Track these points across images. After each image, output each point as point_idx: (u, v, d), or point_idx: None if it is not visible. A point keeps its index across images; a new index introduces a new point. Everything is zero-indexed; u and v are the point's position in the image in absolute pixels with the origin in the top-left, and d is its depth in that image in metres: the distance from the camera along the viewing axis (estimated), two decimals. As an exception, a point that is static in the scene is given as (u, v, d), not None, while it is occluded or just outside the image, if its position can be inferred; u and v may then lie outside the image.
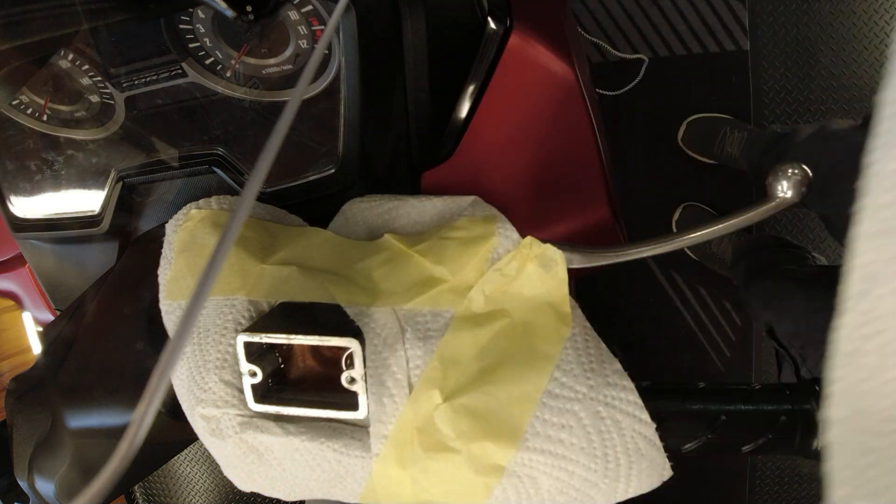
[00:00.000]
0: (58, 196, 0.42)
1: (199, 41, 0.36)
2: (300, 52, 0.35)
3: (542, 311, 0.30)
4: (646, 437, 0.27)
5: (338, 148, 0.36)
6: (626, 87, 1.23)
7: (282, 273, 0.33)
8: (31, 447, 0.35)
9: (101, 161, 0.40)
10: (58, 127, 0.41)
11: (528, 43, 0.39)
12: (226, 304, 0.32)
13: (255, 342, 0.29)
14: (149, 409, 0.15)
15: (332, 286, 0.32)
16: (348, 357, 0.29)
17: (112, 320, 0.36)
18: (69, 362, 0.35)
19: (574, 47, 0.41)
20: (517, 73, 0.39)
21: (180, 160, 0.38)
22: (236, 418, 0.31)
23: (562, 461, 0.27)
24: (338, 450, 0.29)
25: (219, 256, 0.16)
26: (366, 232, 0.36)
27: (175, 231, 0.35)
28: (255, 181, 0.18)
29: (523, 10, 0.39)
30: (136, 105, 0.38)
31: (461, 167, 0.41)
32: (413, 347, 0.29)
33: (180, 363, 0.32)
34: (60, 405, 0.34)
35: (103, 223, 0.40)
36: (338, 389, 0.29)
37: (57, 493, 0.34)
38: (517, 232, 0.32)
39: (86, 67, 0.38)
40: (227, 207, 0.36)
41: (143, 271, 0.36)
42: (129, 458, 0.15)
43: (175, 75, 0.37)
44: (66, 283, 0.45)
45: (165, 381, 0.15)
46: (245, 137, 0.38)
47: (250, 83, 0.37)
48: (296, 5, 0.33)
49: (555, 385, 0.28)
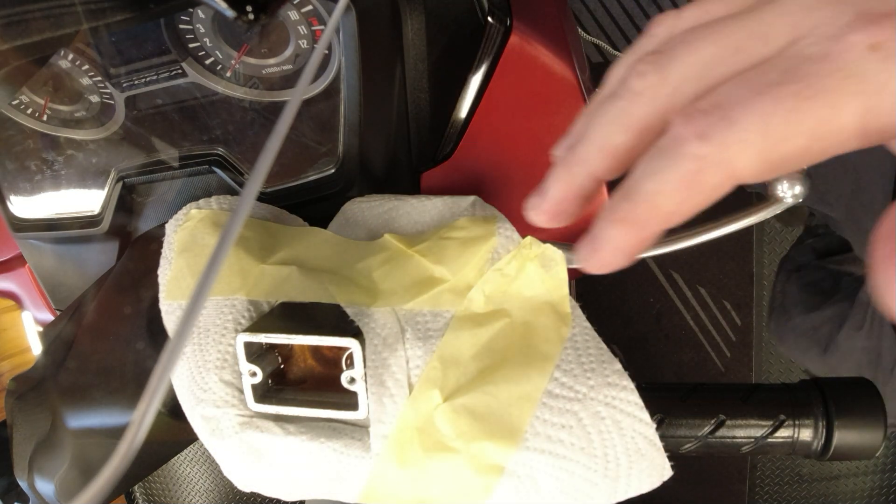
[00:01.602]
0: (58, 196, 0.42)
1: (199, 41, 0.36)
2: (300, 52, 0.35)
3: (542, 311, 0.30)
4: (646, 437, 0.27)
5: (338, 148, 0.36)
6: (626, 87, 1.23)
7: (282, 273, 0.33)
8: (31, 447, 0.35)
9: (101, 161, 0.40)
10: (58, 127, 0.41)
11: (528, 43, 0.39)
12: (226, 304, 0.32)
13: (255, 342, 0.29)
14: (149, 409, 0.15)
15: (332, 286, 0.32)
16: (348, 357, 0.29)
17: (112, 320, 0.36)
18: (69, 362, 0.35)
19: (574, 47, 0.41)
20: (517, 73, 0.39)
21: (180, 160, 0.38)
22: (236, 418, 0.31)
23: (562, 461, 0.27)
24: (338, 450, 0.29)
25: (219, 256, 0.16)
26: (366, 232, 0.36)
27: (175, 231, 0.35)
28: (255, 181, 0.18)
29: (523, 9, 0.39)
30: (136, 105, 0.38)
31: (461, 167, 0.41)
32: (413, 347, 0.29)
33: (180, 363, 0.32)
34: (60, 405, 0.34)
35: (103, 223, 0.40)
36: (338, 389, 0.29)
37: (57, 493, 0.34)
38: (517, 232, 0.32)
39: (86, 67, 0.38)
40: (227, 207, 0.36)
41: (143, 271, 0.36)
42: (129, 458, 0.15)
43: (175, 75, 0.37)
44: (66, 283, 0.45)
45: (165, 381, 0.15)
46: (245, 137, 0.38)
47: (250, 83, 0.37)
48: (296, 5, 0.33)
49: (555, 385, 0.28)
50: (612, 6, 1.24)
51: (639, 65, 0.17)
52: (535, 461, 0.27)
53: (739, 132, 0.15)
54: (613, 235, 0.17)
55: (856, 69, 0.15)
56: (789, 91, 0.15)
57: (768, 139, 0.15)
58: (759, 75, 0.16)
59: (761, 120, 0.15)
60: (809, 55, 0.15)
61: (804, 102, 0.15)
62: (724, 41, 0.17)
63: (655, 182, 0.16)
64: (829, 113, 0.15)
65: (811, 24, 0.16)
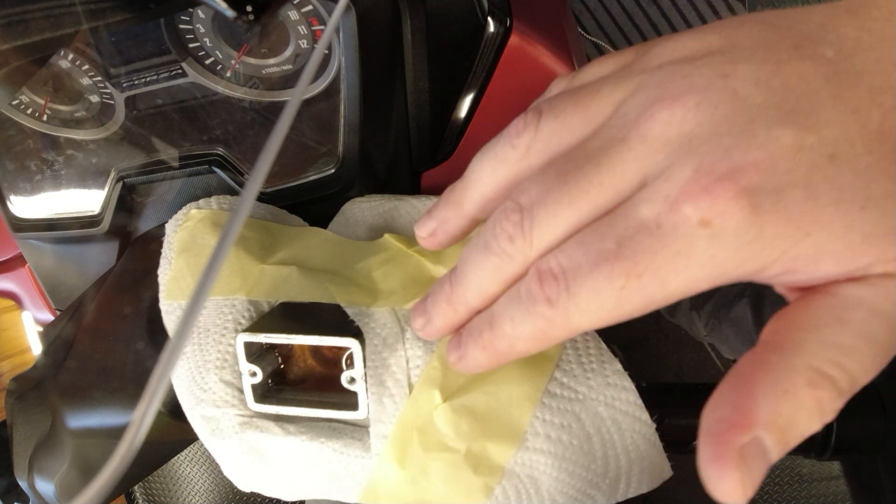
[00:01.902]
0: (58, 196, 0.42)
1: (199, 41, 0.36)
2: (300, 52, 0.35)
3: (542, 311, 0.30)
4: (646, 437, 0.27)
5: (338, 148, 0.36)
6: (626, 87, 1.23)
7: (282, 273, 0.33)
8: (31, 447, 0.35)
9: (101, 161, 0.40)
10: (58, 127, 0.41)
11: (528, 43, 0.39)
12: (226, 304, 0.32)
13: (255, 342, 0.29)
14: (149, 409, 0.15)
15: (332, 286, 0.32)
16: (348, 357, 0.29)
17: (112, 320, 0.36)
18: (69, 362, 0.35)
19: (574, 47, 0.41)
20: (517, 73, 0.39)
21: (180, 160, 0.38)
22: (236, 418, 0.31)
23: (562, 461, 0.27)
24: (338, 450, 0.29)
25: (219, 256, 0.16)
26: (366, 232, 0.36)
27: (175, 231, 0.35)
28: (255, 181, 0.18)
29: (523, 10, 0.39)
30: (136, 105, 0.38)
31: (461, 167, 0.41)
32: (413, 347, 0.29)
33: (180, 363, 0.32)
34: (60, 405, 0.34)
35: (103, 223, 0.40)
36: (338, 389, 0.29)
37: (57, 493, 0.34)
38: None
39: (86, 67, 0.38)
40: (227, 207, 0.36)
41: (143, 271, 0.36)
42: (129, 458, 0.15)
43: (175, 75, 0.37)
44: (66, 283, 0.45)
45: (165, 381, 0.15)
46: (245, 137, 0.38)
47: (250, 83, 0.37)
48: (296, 5, 0.33)
49: (555, 385, 0.28)
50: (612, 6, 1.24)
51: (506, 223, 0.20)
52: (535, 461, 0.27)
53: (578, 303, 0.18)
54: (476, 355, 0.21)
55: (685, 246, 0.16)
56: (621, 269, 0.17)
57: (601, 311, 0.17)
58: (598, 240, 0.18)
59: (595, 296, 0.17)
60: (644, 221, 0.17)
61: (634, 281, 0.17)
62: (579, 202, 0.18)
63: (513, 327, 0.19)
64: (656, 288, 0.17)
65: (655, 170, 0.17)
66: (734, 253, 0.16)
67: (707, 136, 0.16)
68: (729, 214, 0.15)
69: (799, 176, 0.15)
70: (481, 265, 0.21)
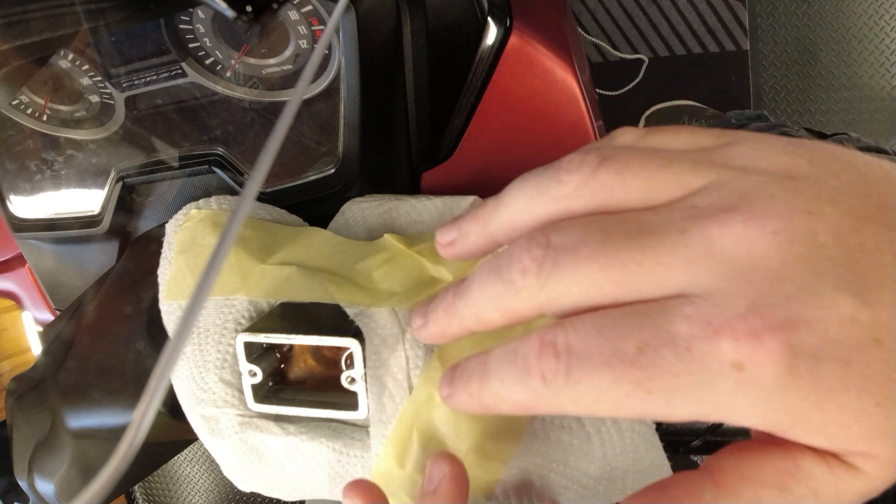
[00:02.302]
0: (58, 196, 0.42)
1: (199, 41, 0.36)
2: (300, 52, 0.35)
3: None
4: (645, 438, 0.27)
5: (338, 148, 0.36)
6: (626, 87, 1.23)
7: (282, 273, 0.33)
8: (31, 447, 0.35)
9: (101, 161, 0.40)
10: (58, 127, 0.41)
11: (528, 43, 0.39)
12: (226, 304, 0.32)
13: (255, 342, 0.29)
14: (149, 409, 0.15)
15: (332, 286, 0.32)
16: (348, 357, 0.29)
17: (112, 320, 0.36)
18: (69, 362, 0.35)
19: (574, 47, 0.41)
20: (517, 73, 0.39)
21: (180, 160, 0.38)
22: (236, 418, 0.31)
23: (562, 462, 0.27)
24: (338, 450, 0.29)
25: (219, 256, 0.16)
26: (366, 232, 0.36)
27: (175, 231, 0.35)
28: (255, 181, 0.18)
29: (523, 10, 0.39)
30: (136, 105, 0.38)
31: (461, 167, 0.41)
32: (413, 347, 0.29)
33: (180, 363, 0.32)
34: (60, 405, 0.34)
35: (103, 223, 0.40)
36: (338, 389, 0.29)
37: (57, 493, 0.34)
38: None
39: (86, 67, 0.38)
40: (227, 207, 0.36)
41: (143, 271, 0.36)
42: (129, 458, 0.15)
43: (175, 75, 0.37)
44: (66, 283, 0.45)
45: (165, 381, 0.15)
46: (245, 137, 0.38)
47: (250, 83, 0.37)
48: (296, 5, 0.33)
49: (555, 385, 0.28)
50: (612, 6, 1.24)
51: (526, 255, 0.18)
52: (535, 462, 0.27)
53: (573, 392, 0.16)
54: (464, 400, 0.20)
55: (707, 380, 0.15)
56: (632, 377, 0.15)
57: (594, 406, 0.16)
58: (619, 336, 0.16)
59: (594, 391, 0.16)
60: (675, 337, 0.15)
61: (641, 393, 0.15)
62: (610, 272, 0.16)
63: (501, 388, 0.18)
64: (660, 407, 0.15)
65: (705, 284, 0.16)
66: (751, 403, 0.15)
67: (772, 272, 0.15)
68: (765, 366, 0.14)
69: (842, 350, 0.15)
70: (486, 287, 0.20)
